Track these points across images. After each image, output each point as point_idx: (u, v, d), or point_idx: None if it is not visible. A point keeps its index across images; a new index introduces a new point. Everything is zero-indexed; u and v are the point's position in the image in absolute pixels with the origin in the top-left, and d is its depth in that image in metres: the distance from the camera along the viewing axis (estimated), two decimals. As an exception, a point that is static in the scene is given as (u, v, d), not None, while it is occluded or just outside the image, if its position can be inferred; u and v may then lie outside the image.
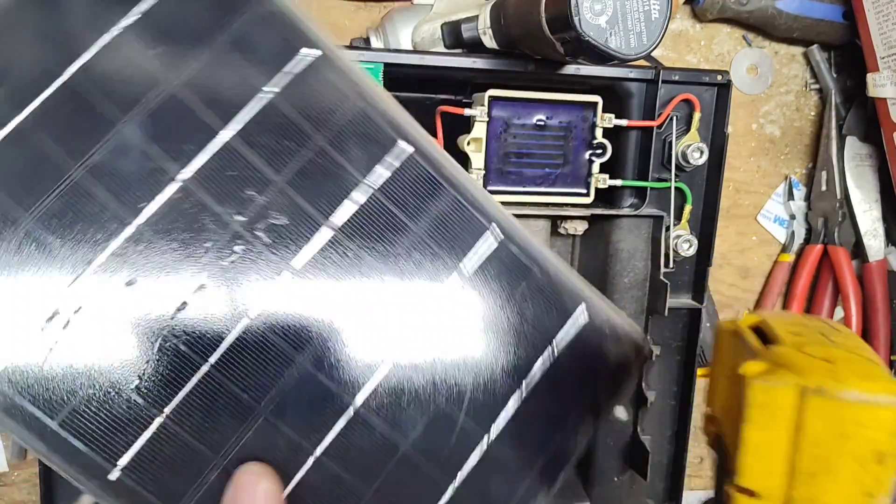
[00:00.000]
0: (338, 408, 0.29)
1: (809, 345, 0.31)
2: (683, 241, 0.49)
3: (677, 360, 0.53)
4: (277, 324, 0.29)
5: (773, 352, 0.31)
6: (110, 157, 0.27)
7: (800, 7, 0.56)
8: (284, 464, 0.29)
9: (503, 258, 0.32)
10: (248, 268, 0.28)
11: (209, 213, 0.28)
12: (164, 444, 0.27)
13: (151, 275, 0.27)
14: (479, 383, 0.32)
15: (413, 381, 0.31)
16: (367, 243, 0.30)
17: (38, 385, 0.26)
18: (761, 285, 0.63)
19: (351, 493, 0.30)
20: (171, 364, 0.27)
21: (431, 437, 0.31)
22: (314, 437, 0.29)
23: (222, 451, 0.28)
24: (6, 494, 0.54)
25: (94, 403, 0.27)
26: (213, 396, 0.28)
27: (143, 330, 0.27)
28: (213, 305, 0.28)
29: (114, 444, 0.27)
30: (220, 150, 0.28)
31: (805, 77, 0.61)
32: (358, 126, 0.30)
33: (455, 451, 0.31)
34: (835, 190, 0.59)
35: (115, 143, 0.27)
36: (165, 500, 0.28)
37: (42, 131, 0.27)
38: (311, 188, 0.29)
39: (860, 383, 0.29)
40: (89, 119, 0.27)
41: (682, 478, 0.51)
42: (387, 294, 0.30)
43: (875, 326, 0.60)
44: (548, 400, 0.33)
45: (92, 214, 0.27)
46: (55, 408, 0.27)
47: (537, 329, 0.33)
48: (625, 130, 0.49)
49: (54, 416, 0.27)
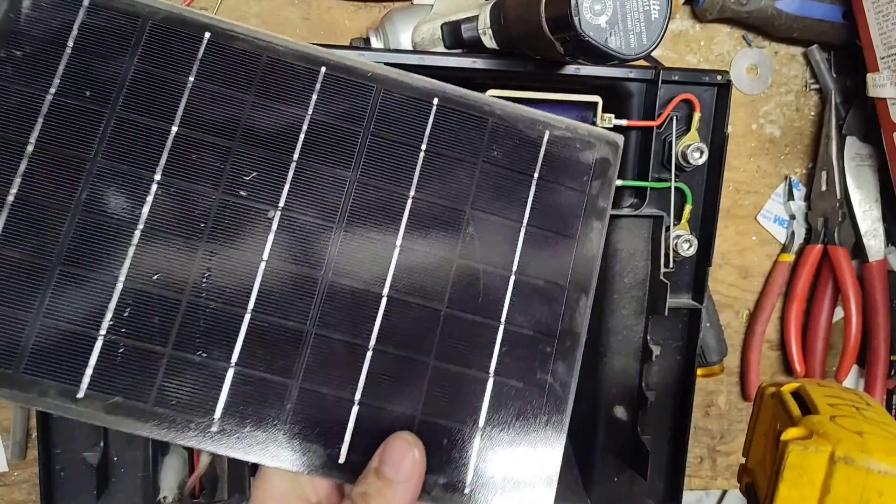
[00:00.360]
0: (372, 301, 0.33)
1: (843, 417, 0.36)
2: (683, 241, 0.49)
3: (677, 360, 0.53)
4: (290, 254, 0.33)
5: (811, 420, 0.35)
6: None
7: (800, 7, 0.56)
8: (348, 365, 0.33)
9: (454, 119, 0.35)
10: (242, 220, 0.33)
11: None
12: (244, 387, 0.31)
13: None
14: (486, 229, 0.35)
15: (421, 254, 0.34)
16: (328, 159, 0.34)
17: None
18: (761, 285, 0.63)
19: (416, 368, 0.33)
20: (219, 322, 0.32)
21: (461, 291, 0.34)
22: (363, 333, 0.33)
23: (292, 374, 0.32)
24: (6, 494, 0.54)
25: (173, 374, 0.31)
26: (264, 334, 0.32)
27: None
28: (230, 262, 0.32)
29: (205, 403, 0.31)
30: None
31: (805, 77, 0.61)
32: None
33: (488, 295, 0.34)
34: (835, 190, 0.59)
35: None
36: (262, 426, 0.32)
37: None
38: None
39: (885, 457, 0.33)
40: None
41: (682, 478, 0.51)
42: (373, 190, 0.34)
43: (875, 326, 0.60)
44: (546, 220, 0.36)
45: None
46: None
47: (514, 168, 0.35)
48: (625, 130, 0.49)
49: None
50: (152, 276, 0.31)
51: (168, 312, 0.31)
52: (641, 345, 0.52)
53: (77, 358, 0.30)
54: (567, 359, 0.35)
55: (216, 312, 0.32)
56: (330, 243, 0.33)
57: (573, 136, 0.36)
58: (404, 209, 0.34)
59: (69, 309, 0.31)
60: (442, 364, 0.33)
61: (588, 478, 0.52)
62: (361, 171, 0.34)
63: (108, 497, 0.46)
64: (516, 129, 0.36)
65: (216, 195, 0.32)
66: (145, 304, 0.31)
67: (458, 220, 0.35)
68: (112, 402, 0.31)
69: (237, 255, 0.32)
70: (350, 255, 0.33)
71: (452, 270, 0.34)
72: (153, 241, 0.32)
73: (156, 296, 0.31)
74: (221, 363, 0.31)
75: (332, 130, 0.34)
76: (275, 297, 0.32)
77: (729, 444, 0.65)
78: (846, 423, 0.35)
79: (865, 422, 0.36)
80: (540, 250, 0.35)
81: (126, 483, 0.47)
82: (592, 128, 0.36)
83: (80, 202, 0.31)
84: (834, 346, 0.64)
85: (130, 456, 0.43)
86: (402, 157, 0.35)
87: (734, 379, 0.64)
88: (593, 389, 0.52)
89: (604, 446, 0.52)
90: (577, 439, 0.55)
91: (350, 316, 0.33)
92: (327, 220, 0.33)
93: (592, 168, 0.36)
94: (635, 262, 0.51)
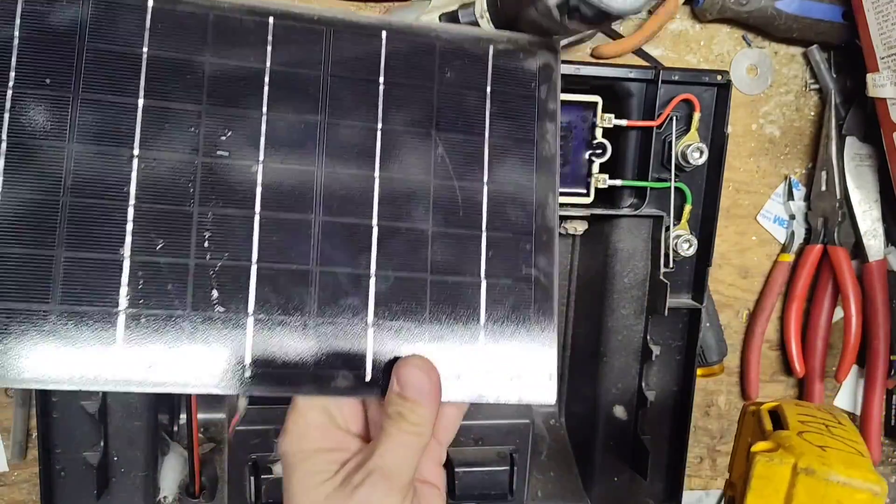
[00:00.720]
0: (365, 232, 0.35)
1: (810, 433, 0.39)
2: (683, 241, 0.49)
3: (677, 360, 0.53)
4: (279, 202, 0.34)
5: (780, 435, 0.39)
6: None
7: (799, 7, 0.56)
8: (356, 293, 0.35)
9: (404, 48, 0.37)
10: (227, 178, 0.34)
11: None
12: (266, 332, 0.34)
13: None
14: (454, 148, 0.37)
15: (399, 182, 0.36)
16: (295, 107, 0.35)
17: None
18: (761, 285, 0.63)
19: (416, 285, 0.36)
20: (229, 277, 0.33)
21: (443, 209, 0.37)
22: (363, 263, 0.35)
23: (306, 311, 0.34)
24: (6, 494, 0.54)
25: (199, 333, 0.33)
26: (274, 279, 0.34)
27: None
28: (226, 220, 0.34)
29: (235, 353, 0.33)
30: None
31: (805, 77, 0.61)
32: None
33: (467, 209, 0.37)
34: (834, 190, 0.59)
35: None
36: (291, 363, 0.34)
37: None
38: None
39: (844, 470, 0.36)
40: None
41: (682, 477, 0.52)
42: (343, 129, 0.36)
43: (875, 326, 0.60)
44: (505, 130, 0.38)
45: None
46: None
47: (468, 86, 0.38)
48: (625, 130, 0.49)
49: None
50: (156, 247, 0.33)
51: (179, 277, 0.33)
52: (641, 345, 0.52)
53: (104, 336, 0.31)
54: (546, 252, 0.38)
55: (224, 269, 0.33)
56: (315, 186, 0.35)
57: (515, 47, 0.38)
58: (375, 142, 0.36)
59: (84, 292, 0.32)
60: (438, 277, 0.36)
61: (588, 478, 0.52)
62: (329, 114, 0.35)
63: (108, 497, 0.46)
64: (463, 48, 0.38)
65: (197, 159, 0.34)
66: (156, 274, 0.33)
67: (427, 145, 0.37)
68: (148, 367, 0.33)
69: (231, 213, 0.34)
70: (335, 193, 0.35)
71: (431, 192, 0.37)
72: (147, 215, 0.33)
73: (163, 264, 0.33)
74: (240, 315, 0.33)
75: (292, 79, 0.35)
76: (275, 245, 0.34)
77: (729, 444, 0.65)
78: (812, 438, 0.38)
79: (831, 438, 0.39)
80: (505, 159, 0.38)
81: (126, 483, 0.47)
82: (531, 36, 0.38)
83: (67, 189, 0.32)
84: (834, 346, 0.64)
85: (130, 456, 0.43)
86: (364, 94, 0.36)
87: (734, 379, 0.64)
88: (593, 389, 0.52)
89: (604, 446, 0.52)
90: (577, 439, 0.55)
91: (347, 250, 0.35)
92: (307, 165, 0.35)
93: (538, 74, 0.38)
94: (635, 262, 0.51)
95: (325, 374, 0.34)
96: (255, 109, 0.34)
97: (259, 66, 0.35)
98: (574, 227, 0.50)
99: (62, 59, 0.32)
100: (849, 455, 0.38)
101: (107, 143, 0.32)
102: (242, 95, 0.34)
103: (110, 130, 0.33)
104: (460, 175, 0.37)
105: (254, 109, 0.34)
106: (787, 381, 0.65)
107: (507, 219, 0.37)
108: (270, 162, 0.34)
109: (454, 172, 0.37)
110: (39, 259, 0.31)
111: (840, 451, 0.38)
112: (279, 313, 0.34)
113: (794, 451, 0.37)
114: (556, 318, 0.37)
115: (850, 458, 0.37)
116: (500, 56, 0.38)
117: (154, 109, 0.33)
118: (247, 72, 0.34)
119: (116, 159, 0.32)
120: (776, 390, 0.65)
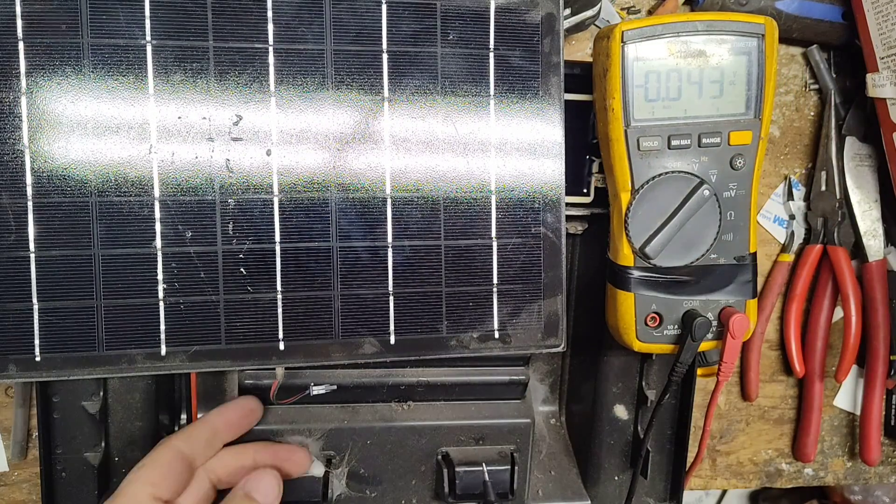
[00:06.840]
0: (379, 205, 0.37)
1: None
2: (683, 240, 0.49)
3: (677, 359, 0.53)
4: (296, 186, 0.36)
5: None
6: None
7: (799, 7, 0.56)
8: (375, 266, 0.37)
9: (405, 14, 0.37)
10: (244, 166, 0.35)
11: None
12: (295, 308, 0.36)
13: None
14: (462, 112, 0.38)
15: (411, 154, 0.37)
16: (304, 84, 0.37)
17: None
18: (761, 285, 0.63)
19: (431, 252, 0.38)
20: (255, 260, 0.35)
21: (453, 175, 0.37)
22: (380, 235, 0.37)
23: (332, 286, 0.36)
24: (6, 494, 0.54)
25: (233, 314, 0.36)
26: (297, 259, 0.36)
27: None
28: (247, 206, 0.36)
29: (267, 329, 0.36)
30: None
31: (805, 77, 0.61)
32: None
33: (477, 173, 0.38)
34: (834, 190, 0.60)
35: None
36: (320, 335, 0.36)
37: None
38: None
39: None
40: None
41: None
42: (349, 105, 0.37)
43: (875, 326, 0.60)
44: (510, 86, 0.39)
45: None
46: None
47: (471, 45, 0.38)
48: (625, 130, 0.49)
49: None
50: (186, 238, 0.35)
51: (210, 264, 0.35)
52: (641, 344, 0.52)
53: (148, 325, 0.34)
54: (554, 210, 0.39)
55: (250, 252, 0.35)
56: (330, 167, 0.37)
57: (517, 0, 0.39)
58: (383, 115, 0.37)
59: (123, 286, 0.34)
60: (452, 242, 0.38)
61: (588, 477, 0.52)
62: (334, 88, 0.37)
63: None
64: (465, 6, 0.38)
65: (212, 146, 0.35)
66: (188, 263, 0.35)
67: (435, 112, 0.38)
68: (193, 351, 0.35)
69: (251, 198, 0.35)
70: (349, 170, 0.37)
71: (441, 159, 0.38)
72: (172, 209, 0.34)
73: (194, 253, 0.35)
74: (270, 294, 0.36)
75: (300, 58, 0.36)
76: (296, 225, 0.36)
77: (729, 444, 0.65)
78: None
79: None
80: (512, 117, 0.39)
81: (127, 483, 0.46)
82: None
83: (94, 193, 0.34)
84: (833, 346, 0.64)
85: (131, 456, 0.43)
86: (370, 65, 0.37)
87: (734, 379, 0.64)
88: (593, 389, 0.52)
89: (604, 446, 0.52)
90: (578, 439, 0.55)
91: (364, 224, 0.37)
92: (321, 149, 0.37)
93: (540, 26, 0.39)
94: (635, 262, 0.51)
95: (353, 342, 0.36)
96: (263, 94, 0.36)
97: (263, 48, 0.36)
98: (574, 227, 0.50)
99: (66, 56, 0.34)
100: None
101: (123, 141, 0.35)
102: (251, 78, 0.36)
103: (120, 128, 0.34)
104: (469, 139, 0.38)
105: (262, 95, 0.36)
106: (787, 380, 0.65)
107: (516, 176, 0.39)
108: (281, 147, 0.36)
109: (463, 136, 0.38)
110: (77, 258, 0.34)
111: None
112: (306, 290, 0.36)
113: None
114: (566, 275, 0.39)
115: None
116: (501, 10, 0.39)
117: (164, 103, 0.35)
118: (251, 53, 0.36)
119: (135, 156, 0.34)
120: (776, 390, 0.65)
